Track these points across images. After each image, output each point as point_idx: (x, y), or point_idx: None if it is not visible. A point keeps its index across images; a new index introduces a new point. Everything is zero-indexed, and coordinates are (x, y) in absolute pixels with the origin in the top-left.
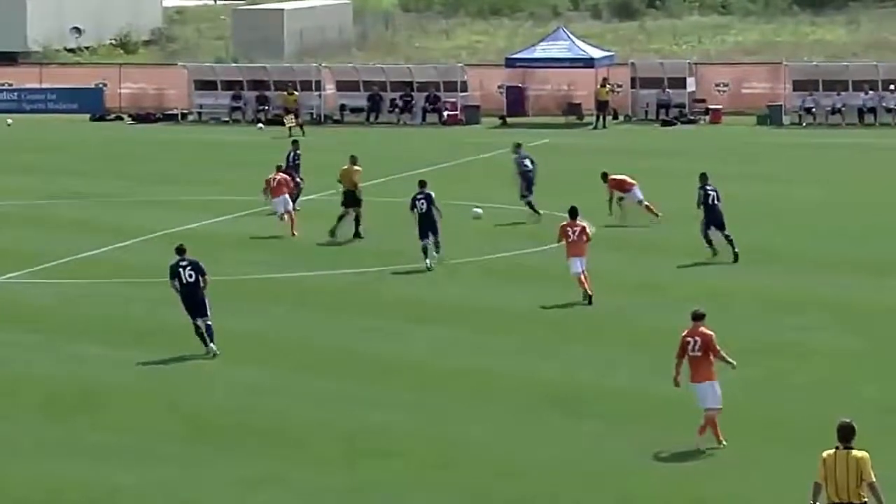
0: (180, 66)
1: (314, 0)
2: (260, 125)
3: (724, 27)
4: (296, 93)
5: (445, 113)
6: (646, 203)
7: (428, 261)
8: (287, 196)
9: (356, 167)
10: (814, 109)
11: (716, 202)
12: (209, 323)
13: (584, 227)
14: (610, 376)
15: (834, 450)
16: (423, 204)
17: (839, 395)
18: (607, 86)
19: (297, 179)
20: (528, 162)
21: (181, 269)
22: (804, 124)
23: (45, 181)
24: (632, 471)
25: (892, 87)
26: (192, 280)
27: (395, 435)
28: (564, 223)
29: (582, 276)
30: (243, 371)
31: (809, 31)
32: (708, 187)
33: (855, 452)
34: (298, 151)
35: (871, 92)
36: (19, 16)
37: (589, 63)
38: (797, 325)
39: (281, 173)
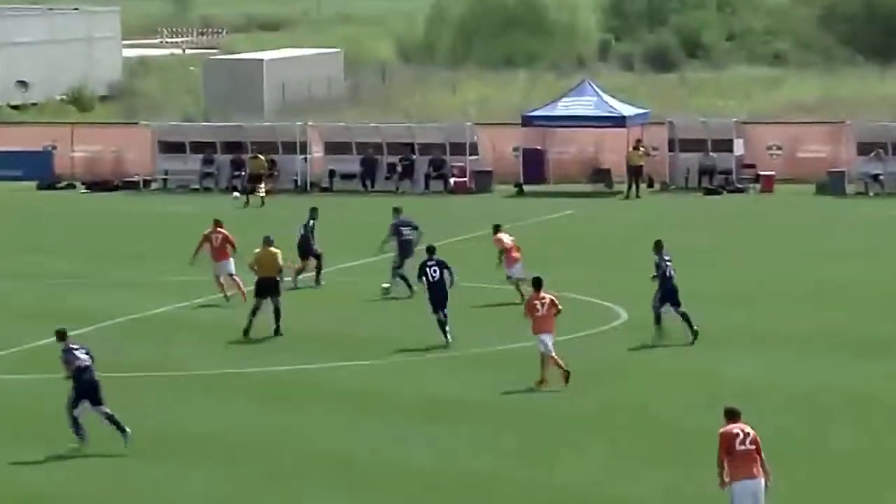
0: (142, 124)
1: (299, 49)
2: (236, 194)
3: (776, 81)
4: (261, 157)
5: (452, 179)
6: (519, 283)
7: (448, 336)
8: (232, 261)
9: (273, 249)
10: (881, 176)
11: (672, 274)
12: (107, 410)
13: (552, 300)
14: (616, 474)
15: None
16: (435, 271)
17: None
18: (641, 148)
19: (319, 252)
20: (407, 230)
21: (74, 352)
22: (871, 194)
23: None
24: None
25: None
26: (89, 364)
27: None
28: (531, 297)
29: (552, 356)
30: (204, 476)
31: (875, 85)
32: (666, 257)
33: None
34: (315, 221)
35: None
36: None
37: (619, 122)
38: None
39: (222, 229)
